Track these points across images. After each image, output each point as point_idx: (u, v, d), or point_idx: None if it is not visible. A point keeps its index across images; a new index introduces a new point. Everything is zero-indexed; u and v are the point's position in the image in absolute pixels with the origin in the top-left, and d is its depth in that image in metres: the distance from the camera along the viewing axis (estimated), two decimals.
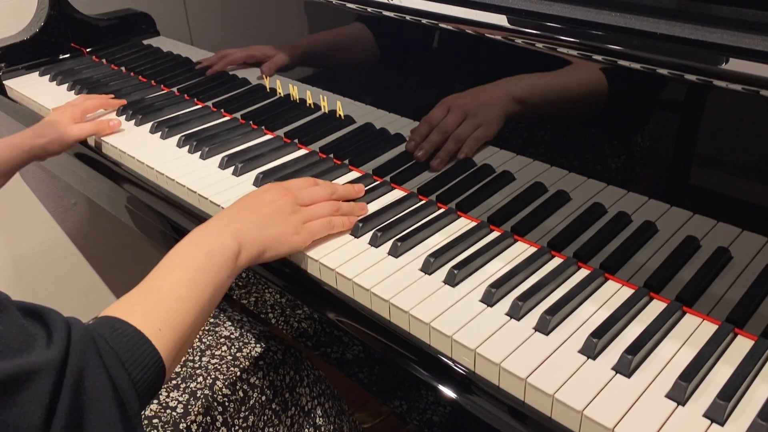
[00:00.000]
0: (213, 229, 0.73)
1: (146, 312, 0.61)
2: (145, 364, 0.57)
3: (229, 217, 0.76)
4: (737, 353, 0.62)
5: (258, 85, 1.11)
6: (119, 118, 1.15)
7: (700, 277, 0.68)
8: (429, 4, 0.79)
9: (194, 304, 0.65)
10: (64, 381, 0.50)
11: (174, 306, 0.63)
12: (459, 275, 0.72)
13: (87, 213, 1.70)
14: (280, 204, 0.78)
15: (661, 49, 0.63)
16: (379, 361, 0.71)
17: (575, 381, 0.60)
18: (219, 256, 0.69)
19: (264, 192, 0.81)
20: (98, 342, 0.55)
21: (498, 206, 0.82)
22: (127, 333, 0.58)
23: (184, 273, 0.66)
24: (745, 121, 0.62)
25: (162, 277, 0.66)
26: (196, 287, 0.66)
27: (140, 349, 0.57)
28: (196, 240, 0.71)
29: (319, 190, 0.83)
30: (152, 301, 0.63)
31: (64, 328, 0.52)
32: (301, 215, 0.78)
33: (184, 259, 0.68)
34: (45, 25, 1.44)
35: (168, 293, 0.64)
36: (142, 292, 0.64)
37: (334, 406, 0.89)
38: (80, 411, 0.50)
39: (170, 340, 0.61)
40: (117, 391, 0.54)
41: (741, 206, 0.65)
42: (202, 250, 0.69)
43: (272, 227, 0.75)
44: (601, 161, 0.73)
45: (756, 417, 0.55)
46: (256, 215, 0.76)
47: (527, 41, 0.71)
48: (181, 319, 0.63)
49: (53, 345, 0.50)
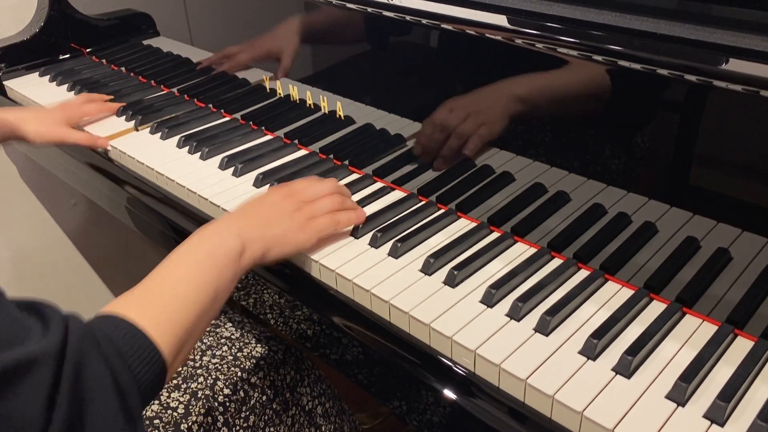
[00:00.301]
0: (215, 229, 0.72)
1: (145, 308, 0.60)
2: (145, 357, 0.57)
3: (232, 218, 0.76)
4: (737, 354, 0.62)
5: (258, 85, 1.11)
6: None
7: (700, 278, 0.67)
8: (429, 4, 0.79)
9: (195, 301, 0.64)
10: (63, 371, 0.49)
11: (173, 303, 0.62)
12: (459, 276, 0.72)
13: (87, 213, 1.70)
14: (283, 204, 0.78)
15: (661, 49, 0.63)
16: (378, 362, 0.71)
17: (575, 382, 0.60)
18: (221, 255, 0.68)
19: (267, 194, 0.80)
20: (97, 335, 0.54)
21: (498, 207, 0.82)
22: (124, 328, 0.57)
23: (185, 271, 0.66)
24: (745, 121, 0.62)
25: (162, 276, 0.66)
26: (197, 285, 0.65)
27: (138, 343, 0.57)
28: (198, 240, 0.71)
29: (323, 185, 0.82)
30: (151, 298, 0.63)
31: (60, 319, 0.52)
32: (305, 212, 0.78)
33: (184, 257, 0.68)
34: (45, 25, 1.44)
35: (167, 291, 0.64)
36: (141, 290, 0.64)
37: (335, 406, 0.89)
38: (80, 402, 0.50)
39: (170, 336, 0.60)
40: (117, 382, 0.53)
41: (741, 206, 0.65)
42: (204, 249, 0.69)
43: (276, 226, 0.75)
44: (602, 162, 0.73)
45: (756, 418, 0.55)
46: (259, 216, 0.75)
47: (527, 41, 0.71)
48: (182, 315, 0.62)
49: (50, 334, 0.50)
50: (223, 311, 0.98)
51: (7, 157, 1.52)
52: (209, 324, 0.69)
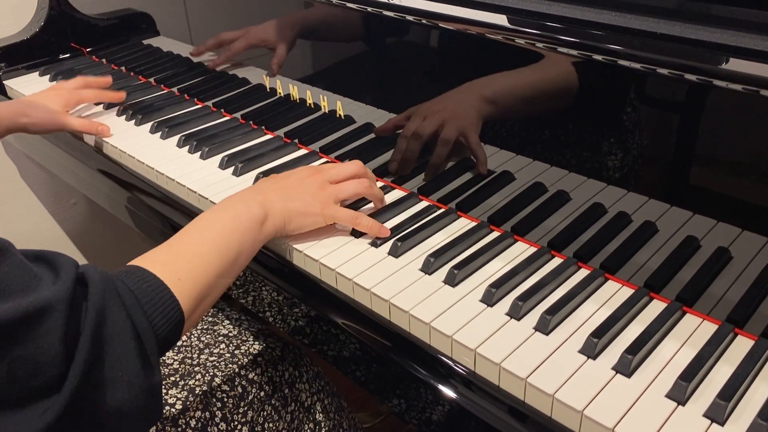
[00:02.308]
0: (241, 197, 0.76)
1: (167, 263, 0.64)
2: (164, 309, 0.60)
3: (258, 188, 0.79)
4: (737, 353, 0.62)
5: (258, 84, 1.11)
6: (109, 124, 1.13)
7: (700, 277, 0.68)
8: (429, 4, 0.79)
9: (217, 260, 0.67)
10: (86, 315, 0.52)
11: (194, 260, 0.66)
12: (459, 275, 0.72)
13: (87, 213, 1.70)
14: (308, 180, 0.80)
15: (661, 49, 0.63)
16: (378, 360, 0.71)
17: (575, 381, 0.60)
18: (245, 220, 0.72)
19: (297, 170, 0.83)
20: (118, 285, 0.57)
21: (498, 206, 0.82)
22: (147, 279, 0.60)
23: (209, 232, 0.70)
24: (745, 121, 0.62)
25: (186, 235, 0.69)
26: (220, 246, 0.69)
27: (159, 295, 0.60)
28: (224, 204, 0.74)
29: (350, 165, 0.84)
30: (174, 254, 0.66)
31: (71, 266, 0.54)
32: (329, 191, 0.80)
33: (209, 220, 0.72)
34: (45, 25, 1.44)
35: (190, 248, 0.67)
36: (164, 247, 0.67)
37: (334, 403, 0.89)
38: (101, 344, 0.53)
39: (190, 290, 0.63)
40: (136, 329, 0.56)
41: (741, 206, 0.65)
42: (229, 213, 0.72)
43: (298, 200, 0.78)
44: (601, 161, 0.73)
45: (756, 417, 0.55)
46: (283, 189, 0.78)
47: (527, 41, 0.71)
48: (202, 272, 0.65)
49: (60, 281, 0.52)
50: (220, 309, 0.98)
51: (7, 157, 1.52)
52: (228, 285, 0.72)
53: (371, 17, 0.87)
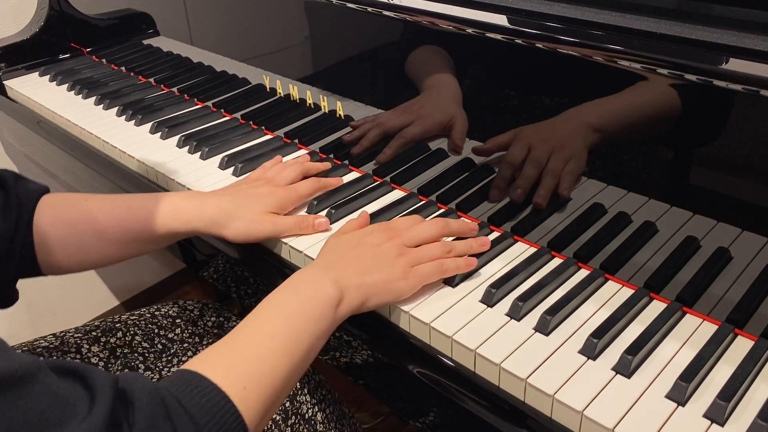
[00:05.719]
0: (311, 275, 0.66)
1: (231, 367, 0.55)
2: (223, 425, 0.51)
3: (329, 261, 0.69)
4: (737, 353, 0.62)
5: (258, 85, 1.11)
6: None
7: (700, 278, 0.67)
8: (429, 4, 0.79)
9: (287, 358, 0.59)
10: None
11: (263, 360, 0.57)
12: (459, 275, 0.72)
13: None
14: (385, 247, 0.70)
15: (661, 49, 0.63)
16: (377, 362, 0.71)
17: (575, 381, 0.60)
18: (317, 305, 0.63)
19: (367, 234, 0.73)
20: (169, 404, 0.50)
21: (498, 206, 0.82)
22: (206, 392, 0.52)
23: (277, 323, 0.61)
24: (745, 121, 0.62)
25: (252, 328, 0.60)
26: (290, 339, 0.60)
27: (220, 413, 0.52)
28: (292, 287, 0.65)
29: (428, 227, 0.74)
30: (239, 354, 0.57)
31: (107, 385, 0.47)
32: (409, 258, 0.70)
33: (277, 307, 0.62)
34: (45, 25, 1.44)
35: (257, 346, 0.58)
36: (228, 343, 0.58)
37: (335, 411, 0.88)
38: None
39: (257, 401, 0.55)
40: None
41: (741, 206, 0.65)
42: (298, 298, 0.63)
43: (377, 272, 0.68)
44: (602, 161, 0.73)
45: (756, 417, 0.55)
46: (358, 260, 0.68)
47: (527, 41, 0.71)
48: (271, 375, 0.57)
49: (96, 407, 0.46)
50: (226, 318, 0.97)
51: (7, 157, 1.52)
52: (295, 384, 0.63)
53: (370, 17, 0.87)
